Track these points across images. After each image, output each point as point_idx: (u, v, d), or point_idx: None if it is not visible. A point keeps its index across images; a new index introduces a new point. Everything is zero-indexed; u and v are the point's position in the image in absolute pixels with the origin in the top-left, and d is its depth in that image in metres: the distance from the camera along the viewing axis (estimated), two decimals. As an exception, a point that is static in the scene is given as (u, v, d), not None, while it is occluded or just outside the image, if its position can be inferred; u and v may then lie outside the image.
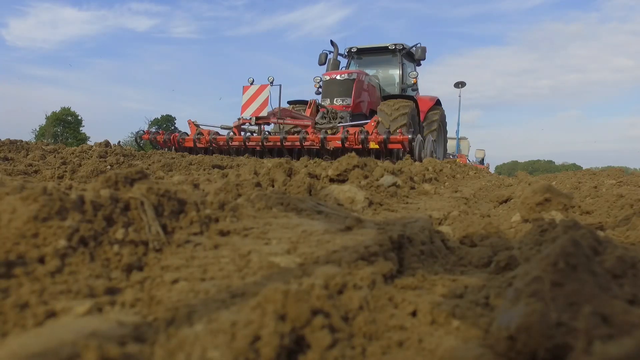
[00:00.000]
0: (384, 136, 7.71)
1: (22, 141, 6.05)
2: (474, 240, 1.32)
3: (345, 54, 11.95)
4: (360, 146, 7.85)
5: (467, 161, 22.14)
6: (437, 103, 12.35)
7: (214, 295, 0.69)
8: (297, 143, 8.17)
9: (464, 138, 26.66)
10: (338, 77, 10.22)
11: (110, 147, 5.18)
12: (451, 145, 21.04)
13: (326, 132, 8.23)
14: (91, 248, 0.78)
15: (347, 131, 8.06)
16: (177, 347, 0.52)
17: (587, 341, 0.50)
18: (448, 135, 14.40)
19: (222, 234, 1.01)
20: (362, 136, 7.79)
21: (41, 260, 0.71)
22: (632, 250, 1.00)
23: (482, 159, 27.80)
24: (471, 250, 1.14)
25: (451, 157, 19.47)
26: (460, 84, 21.13)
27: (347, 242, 0.98)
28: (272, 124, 8.71)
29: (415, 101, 10.37)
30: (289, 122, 8.62)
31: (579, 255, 0.63)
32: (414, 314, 0.74)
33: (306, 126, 8.42)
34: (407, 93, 11.37)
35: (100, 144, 5.91)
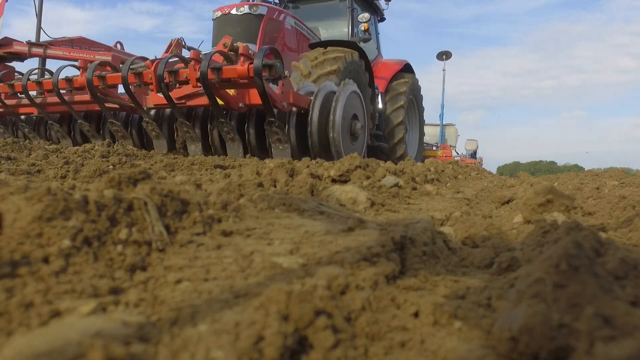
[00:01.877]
0: (202, 67, 3.86)
1: (24, 140, 6.07)
2: (475, 241, 1.32)
3: (277, 0, 8.13)
4: (163, 101, 4.26)
5: (454, 154, 17.57)
6: (407, 69, 8.77)
7: (217, 296, 0.69)
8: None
9: (451, 125, 21.04)
10: (234, 12, 6.26)
11: (113, 147, 5.20)
12: (434, 133, 17.25)
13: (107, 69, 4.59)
14: (95, 248, 0.79)
15: (141, 63, 4.41)
16: (181, 346, 0.53)
17: (589, 343, 0.50)
18: (431, 122, 11.37)
19: (225, 234, 1.02)
20: (158, 73, 4.06)
21: (45, 260, 0.72)
22: (635, 252, 1.01)
23: (475, 152, 21.82)
24: (473, 251, 1.14)
25: (435, 148, 15.68)
26: (444, 55, 17.05)
27: (350, 243, 0.98)
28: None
29: (359, 51, 6.46)
30: (62, 55, 4.90)
31: (581, 257, 0.63)
32: (416, 314, 0.74)
33: (104, 65, 4.78)
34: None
35: (102, 143, 5.93)
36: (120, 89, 4.87)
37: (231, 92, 4.45)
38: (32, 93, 5.15)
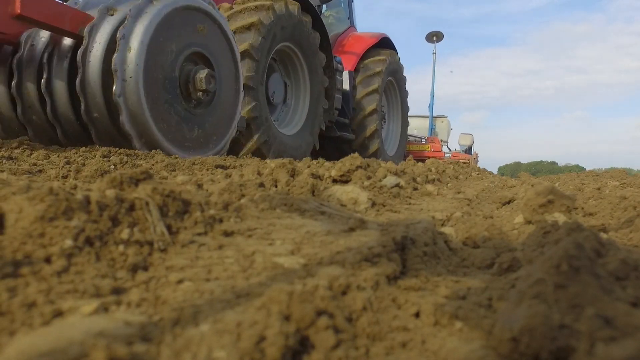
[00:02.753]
0: None
1: (26, 140, 6.06)
2: (476, 241, 1.32)
3: None
4: None
5: (444, 150, 14.96)
6: (385, 44, 7.11)
7: (219, 296, 0.69)
8: None
9: (443, 117, 18.02)
10: None
11: (114, 147, 5.19)
12: (423, 126, 15.38)
13: None
14: (97, 248, 0.79)
15: None
16: (183, 346, 0.53)
17: (590, 343, 0.50)
18: (418, 113, 9.21)
19: (226, 234, 1.02)
20: None
21: (47, 260, 0.72)
22: (635, 253, 1.01)
23: (470, 147, 18.59)
24: (474, 251, 1.14)
25: (423, 141, 13.94)
26: (434, 36, 14.50)
27: (351, 243, 0.98)
28: None
29: (301, 2, 4.79)
30: None
31: (582, 258, 0.63)
32: (417, 315, 0.74)
33: None
34: (320, 13, 5.23)
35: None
36: None
37: None
38: None
